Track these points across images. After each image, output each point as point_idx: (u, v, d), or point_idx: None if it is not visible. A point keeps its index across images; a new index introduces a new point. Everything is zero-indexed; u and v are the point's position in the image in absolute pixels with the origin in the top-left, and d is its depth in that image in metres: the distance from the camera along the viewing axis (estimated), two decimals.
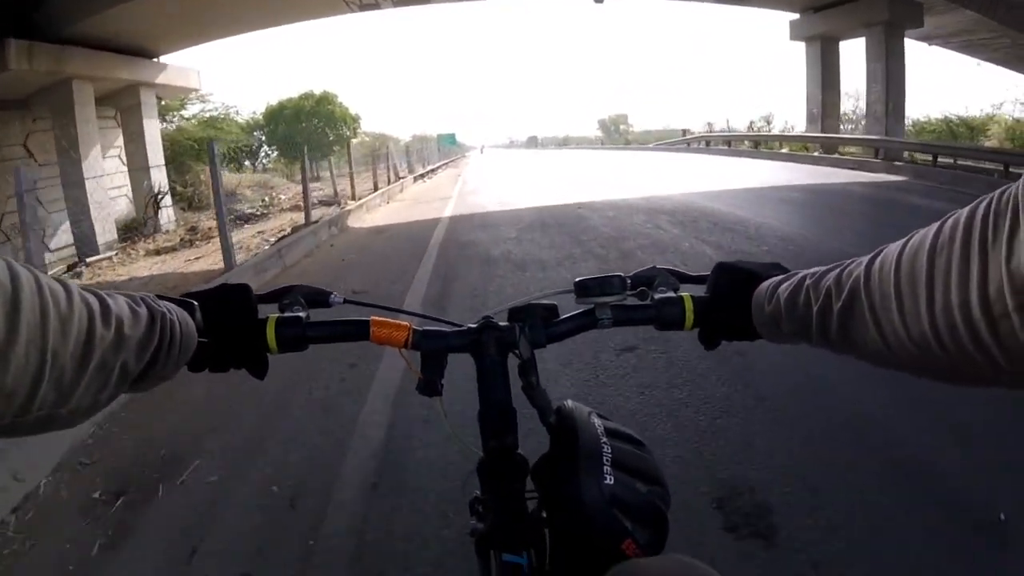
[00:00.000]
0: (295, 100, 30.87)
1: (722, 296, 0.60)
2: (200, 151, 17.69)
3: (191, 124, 19.48)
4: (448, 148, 36.50)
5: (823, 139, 14.21)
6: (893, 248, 0.36)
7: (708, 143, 20.40)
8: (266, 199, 15.31)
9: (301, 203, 13.84)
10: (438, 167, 23.68)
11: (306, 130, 28.22)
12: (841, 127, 16.07)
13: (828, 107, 14.62)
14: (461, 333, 0.64)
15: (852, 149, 14.14)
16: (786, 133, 17.71)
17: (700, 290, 0.64)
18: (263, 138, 30.07)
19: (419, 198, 12.59)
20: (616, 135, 68.52)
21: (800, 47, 15.12)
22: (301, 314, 0.63)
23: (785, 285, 0.50)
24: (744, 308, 0.57)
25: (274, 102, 31.06)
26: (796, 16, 14.71)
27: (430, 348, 0.63)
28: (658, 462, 0.63)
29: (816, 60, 14.41)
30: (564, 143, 75.36)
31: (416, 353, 0.64)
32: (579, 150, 45.03)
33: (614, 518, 0.55)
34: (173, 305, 0.51)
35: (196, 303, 0.57)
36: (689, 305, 0.62)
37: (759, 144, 16.78)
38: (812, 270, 0.47)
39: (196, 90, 16.31)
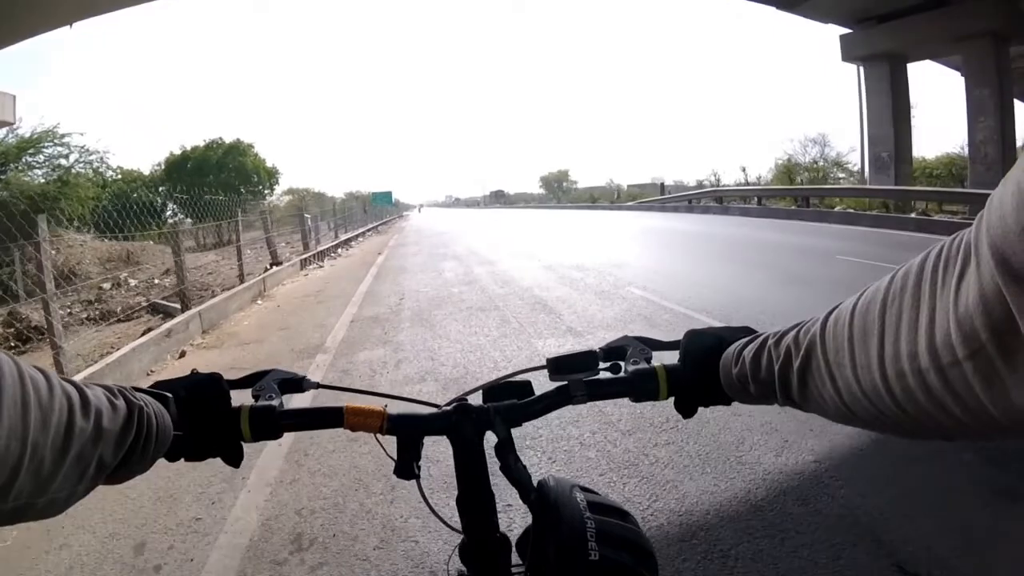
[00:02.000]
0: (200, 149, 25.85)
1: (694, 363, 0.59)
2: (46, 211, 12.54)
3: (31, 177, 14.27)
4: (382, 208, 33.12)
5: (940, 194, 10.39)
6: (848, 303, 0.35)
7: (721, 200, 16.43)
8: (106, 286, 10.19)
9: (147, 298, 8.83)
10: (359, 234, 18.89)
11: (213, 184, 23.19)
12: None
13: (901, 148, 11.06)
14: (436, 417, 0.63)
15: (924, 205, 10.55)
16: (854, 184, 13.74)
17: (671, 356, 0.64)
18: (167, 193, 24.94)
19: (246, 355, 4.95)
20: (560, 192, 66.58)
21: (847, 72, 11.69)
22: (274, 402, 0.63)
23: (750, 347, 0.49)
24: (715, 373, 0.56)
25: (179, 151, 26.19)
26: (847, 31, 11.29)
27: (405, 432, 0.62)
28: (644, 531, 0.59)
29: (883, 87, 10.88)
30: (511, 201, 72.62)
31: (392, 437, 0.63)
32: (535, 209, 41.33)
33: None
34: (149, 398, 0.50)
35: (170, 395, 0.57)
36: (663, 375, 0.62)
37: (810, 201, 12.84)
38: (775, 330, 0.46)
39: (8, 123, 11.18)
